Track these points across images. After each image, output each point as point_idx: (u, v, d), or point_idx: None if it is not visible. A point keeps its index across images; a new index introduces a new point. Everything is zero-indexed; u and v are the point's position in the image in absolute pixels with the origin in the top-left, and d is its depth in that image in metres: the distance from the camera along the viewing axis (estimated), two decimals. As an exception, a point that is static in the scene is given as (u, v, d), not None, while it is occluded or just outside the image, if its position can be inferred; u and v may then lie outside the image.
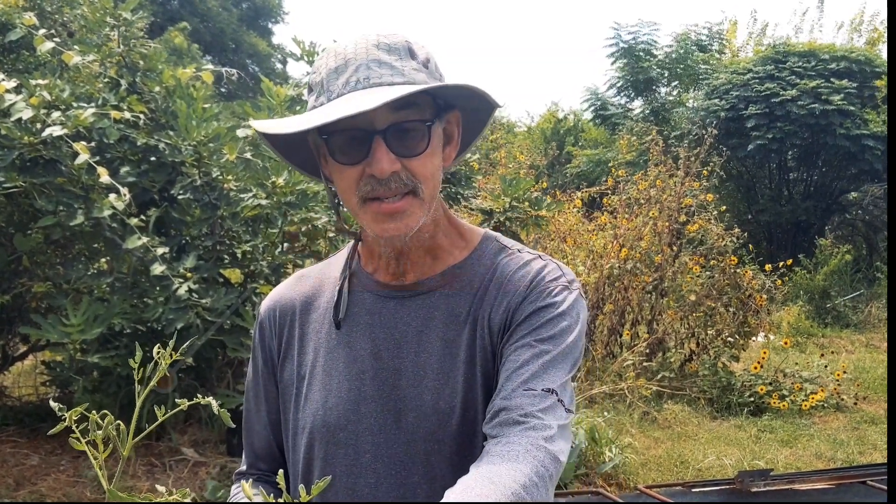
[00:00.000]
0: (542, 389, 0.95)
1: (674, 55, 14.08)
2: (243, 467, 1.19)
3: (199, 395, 0.81)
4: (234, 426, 1.12)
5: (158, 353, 0.76)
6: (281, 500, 0.75)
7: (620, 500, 2.72)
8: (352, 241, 1.15)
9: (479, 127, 1.13)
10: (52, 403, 0.71)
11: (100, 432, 0.67)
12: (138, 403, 0.73)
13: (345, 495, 1.04)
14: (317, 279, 1.16)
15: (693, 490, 2.98)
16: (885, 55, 12.87)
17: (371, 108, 0.88)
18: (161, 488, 0.70)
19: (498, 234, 1.13)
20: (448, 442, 1.02)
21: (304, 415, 1.09)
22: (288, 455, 1.13)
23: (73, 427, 0.68)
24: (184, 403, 0.73)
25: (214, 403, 0.78)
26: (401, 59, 0.98)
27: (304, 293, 1.15)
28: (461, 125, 1.09)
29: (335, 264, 1.15)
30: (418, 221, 1.00)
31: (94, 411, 0.69)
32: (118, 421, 0.69)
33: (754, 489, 2.92)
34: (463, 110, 1.08)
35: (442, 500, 0.84)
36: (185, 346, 0.95)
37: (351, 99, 0.94)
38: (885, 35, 14.25)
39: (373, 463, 1.03)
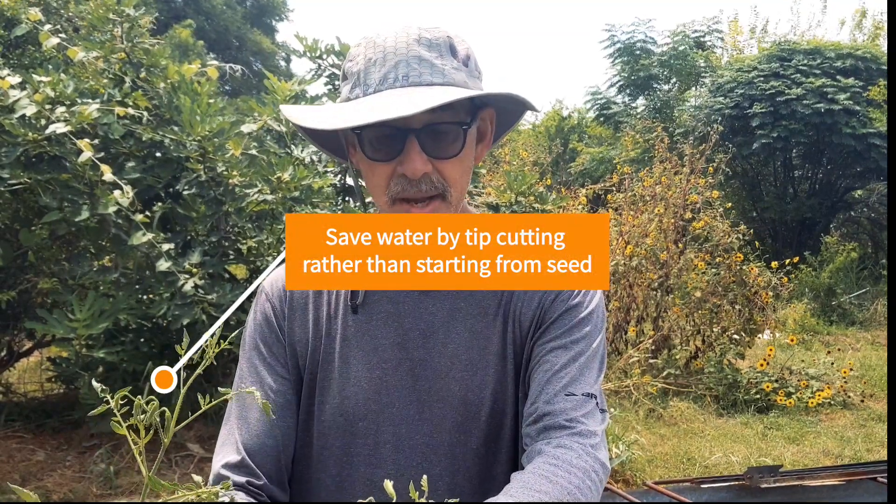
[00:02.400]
0: (582, 394, 0.97)
1: (673, 52, 14.03)
2: (234, 458, 1.03)
3: (204, 393, 0.81)
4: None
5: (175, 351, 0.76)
6: None
7: (630, 497, 2.70)
8: None
9: (511, 122, 1.12)
10: (94, 384, 0.71)
11: (143, 417, 0.66)
12: (182, 391, 0.74)
13: (363, 487, 1.03)
14: None
15: (702, 486, 2.96)
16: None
17: (410, 114, 0.87)
18: (197, 478, 0.69)
19: None
20: (475, 433, 1.02)
21: (320, 403, 1.07)
22: (297, 444, 1.09)
23: (116, 410, 0.68)
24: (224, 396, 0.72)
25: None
26: (441, 56, 0.97)
27: None
28: (494, 122, 1.09)
29: None
30: None
31: (138, 396, 0.69)
32: (163, 408, 0.69)
33: (764, 485, 2.89)
34: (496, 108, 1.08)
35: (500, 495, 0.85)
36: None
37: (389, 97, 0.92)
38: (885, 32, 14.17)
39: (393, 454, 1.02)
